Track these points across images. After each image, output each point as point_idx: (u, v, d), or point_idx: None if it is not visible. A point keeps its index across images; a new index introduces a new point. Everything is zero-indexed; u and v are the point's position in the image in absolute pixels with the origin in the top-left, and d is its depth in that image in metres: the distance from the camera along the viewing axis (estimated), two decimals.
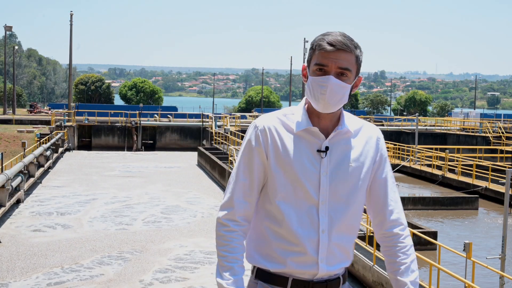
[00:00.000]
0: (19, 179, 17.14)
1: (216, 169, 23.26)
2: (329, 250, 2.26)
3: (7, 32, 56.77)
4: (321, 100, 2.19)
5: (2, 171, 16.61)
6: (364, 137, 2.33)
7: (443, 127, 44.83)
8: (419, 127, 37.55)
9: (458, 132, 40.84)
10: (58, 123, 34.56)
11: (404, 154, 28.57)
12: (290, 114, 2.31)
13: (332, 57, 2.17)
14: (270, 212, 2.28)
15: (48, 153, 24.27)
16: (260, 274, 2.32)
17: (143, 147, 36.53)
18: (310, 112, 2.29)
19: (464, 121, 48.05)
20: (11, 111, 54.41)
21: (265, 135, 2.27)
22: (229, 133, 30.45)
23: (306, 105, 2.32)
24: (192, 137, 37.94)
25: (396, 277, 2.32)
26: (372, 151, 2.33)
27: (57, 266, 11.26)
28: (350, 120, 2.34)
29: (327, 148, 2.25)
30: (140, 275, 10.85)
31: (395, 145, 29.61)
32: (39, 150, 22.34)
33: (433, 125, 48.37)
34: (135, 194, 19.63)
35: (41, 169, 22.57)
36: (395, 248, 2.34)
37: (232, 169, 20.68)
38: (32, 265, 11.28)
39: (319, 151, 2.25)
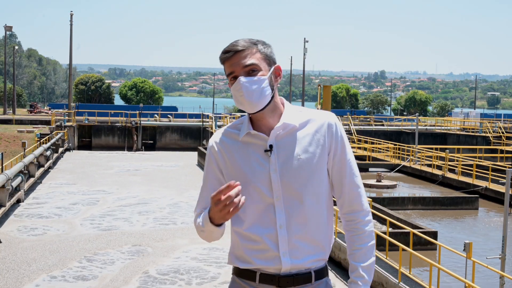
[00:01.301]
0: (19, 179, 17.14)
1: None
2: (290, 244, 2.30)
3: (7, 32, 56.75)
4: (244, 102, 2.28)
5: (2, 171, 16.60)
6: (313, 127, 2.35)
7: (443, 127, 44.83)
8: (419, 127, 37.55)
9: (458, 132, 40.83)
10: (58, 123, 34.56)
11: (404, 154, 28.56)
12: (239, 124, 2.41)
13: (234, 61, 2.29)
14: (235, 218, 2.38)
15: (48, 153, 24.27)
16: (235, 270, 2.45)
17: (143, 147, 36.53)
18: (252, 117, 2.37)
19: (464, 121, 48.03)
20: (11, 111, 54.41)
21: (214, 151, 2.41)
22: None
23: None
24: (192, 137, 37.94)
25: (350, 261, 2.39)
26: (323, 139, 2.34)
27: (52, 270, 11.26)
28: (298, 114, 2.37)
29: (271, 146, 2.31)
30: (133, 278, 10.85)
31: (395, 145, 29.61)
32: (39, 150, 22.33)
33: (433, 125, 48.34)
34: (134, 194, 19.63)
35: (41, 169, 22.58)
36: (352, 233, 2.39)
37: None
38: (27, 270, 11.27)
39: (266, 150, 2.31)
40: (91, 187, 20.72)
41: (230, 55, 2.29)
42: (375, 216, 13.69)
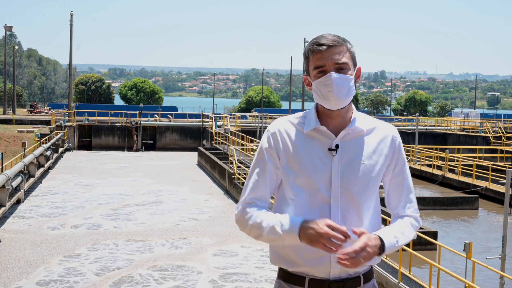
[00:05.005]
0: (19, 179, 17.14)
1: (216, 169, 23.26)
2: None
3: (7, 32, 56.67)
4: (331, 98, 2.26)
5: (2, 171, 16.60)
6: (379, 135, 2.35)
7: (443, 127, 44.82)
8: (419, 127, 37.54)
9: (458, 132, 40.82)
10: (58, 123, 34.56)
11: None
12: (302, 116, 2.38)
13: (326, 55, 2.25)
14: (287, 212, 2.30)
15: (48, 153, 24.26)
16: (281, 274, 2.37)
17: (143, 147, 36.53)
18: (321, 113, 2.35)
19: (464, 121, 48.02)
20: (11, 111, 54.41)
21: (276, 138, 2.34)
22: (229, 133, 30.46)
23: (317, 107, 2.39)
24: (192, 137, 37.95)
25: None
26: (387, 149, 2.35)
27: (51, 269, 11.27)
28: (364, 120, 2.37)
29: (337, 146, 2.29)
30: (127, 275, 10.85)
31: None
32: (39, 150, 22.33)
33: (433, 125, 48.35)
34: (133, 194, 19.63)
35: (41, 169, 22.57)
36: (401, 219, 2.42)
37: (231, 169, 20.31)
38: (27, 270, 11.28)
39: (330, 149, 2.29)
40: (91, 187, 20.71)
41: (324, 48, 2.24)
42: None
